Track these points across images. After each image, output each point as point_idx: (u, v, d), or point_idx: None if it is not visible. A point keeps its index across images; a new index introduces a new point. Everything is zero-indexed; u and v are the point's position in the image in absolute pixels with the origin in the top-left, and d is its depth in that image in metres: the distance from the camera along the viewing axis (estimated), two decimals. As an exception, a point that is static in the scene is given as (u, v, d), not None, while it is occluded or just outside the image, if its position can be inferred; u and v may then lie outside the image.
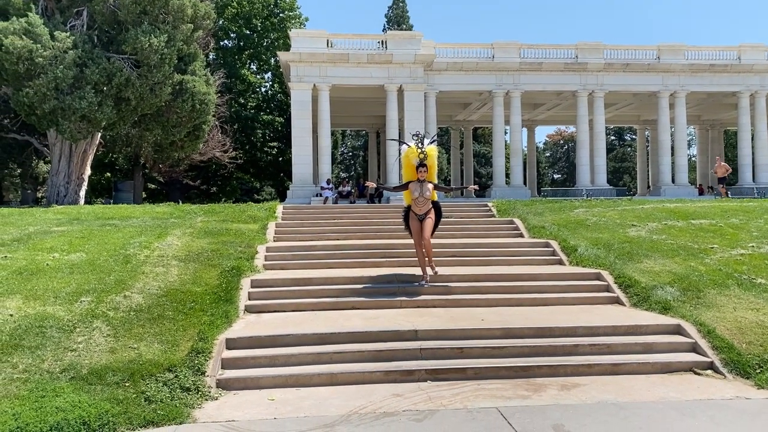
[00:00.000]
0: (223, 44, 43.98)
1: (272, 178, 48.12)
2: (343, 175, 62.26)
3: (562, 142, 78.76)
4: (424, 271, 10.90)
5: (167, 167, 37.16)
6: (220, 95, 32.40)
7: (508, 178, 35.15)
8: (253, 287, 10.44)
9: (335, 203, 26.67)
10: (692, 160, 56.57)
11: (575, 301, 10.47)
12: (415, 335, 8.33)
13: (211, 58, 39.97)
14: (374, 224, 17.25)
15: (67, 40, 20.42)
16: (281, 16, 45.24)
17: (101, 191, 41.87)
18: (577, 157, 34.77)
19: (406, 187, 11.06)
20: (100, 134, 24.89)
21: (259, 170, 46.48)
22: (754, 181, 34.22)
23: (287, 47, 35.41)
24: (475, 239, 15.13)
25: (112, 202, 33.83)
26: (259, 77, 46.88)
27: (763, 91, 33.51)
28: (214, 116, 28.44)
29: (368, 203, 27.52)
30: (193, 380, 6.98)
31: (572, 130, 60.68)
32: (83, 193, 24.48)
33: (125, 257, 11.11)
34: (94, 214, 16.84)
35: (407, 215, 11.14)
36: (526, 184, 38.62)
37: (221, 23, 41.63)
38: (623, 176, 71.60)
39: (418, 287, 10.61)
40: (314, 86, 29.52)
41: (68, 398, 6.25)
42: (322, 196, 27.74)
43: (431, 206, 10.90)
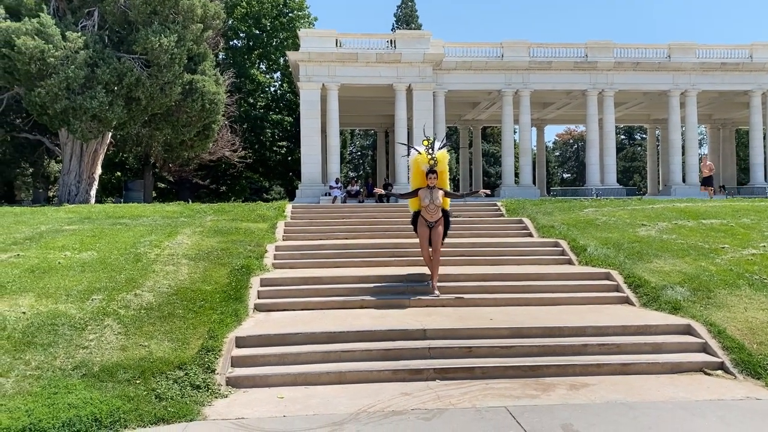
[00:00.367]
0: (232, 44, 44.13)
1: (281, 177, 48.24)
2: (351, 174, 62.30)
3: (571, 141, 78.41)
4: (433, 277, 10.49)
5: (177, 166, 37.36)
6: (229, 95, 32.54)
7: (517, 177, 35.05)
8: (262, 286, 10.50)
9: (344, 202, 26.70)
10: (703, 159, 56.08)
11: (584, 300, 10.44)
12: (423, 334, 8.34)
13: (220, 57, 40.12)
14: (383, 223, 17.28)
15: (78, 40, 20.58)
16: (290, 15, 45.34)
17: (112, 190, 42.16)
18: (586, 156, 34.59)
19: (415, 194, 10.64)
20: (110, 134, 25.07)
21: (268, 169, 46.61)
22: (766, 180, 33.93)
23: (296, 47, 35.48)
24: (483, 238, 15.11)
25: (122, 201, 34.08)
26: (268, 77, 47.01)
27: (775, 89, 33.23)
28: (223, 116, 28.57)
29: (377, 202, 27.52)
30: (203, 378, 7.03)
31: (582, 129, 60.42)
32: (94, 192, 24.67)
33: (136, 256, 11.20)
34: (104, 213, 16.97)
35: (416, 220, 10.79)
36: (535, 183, 38.50)
37: (231, 23, 41.77)
38: (633, 176, 71.19)
39: (426, 287, 10.61)
40: (323, 86, 29.55)
41: (80, 395, 6.32)
42: (330, 195, 27.77)
43: (441, 214, 10.57)
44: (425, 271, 11.12)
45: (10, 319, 7.88)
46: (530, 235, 15.78)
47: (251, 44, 45.06)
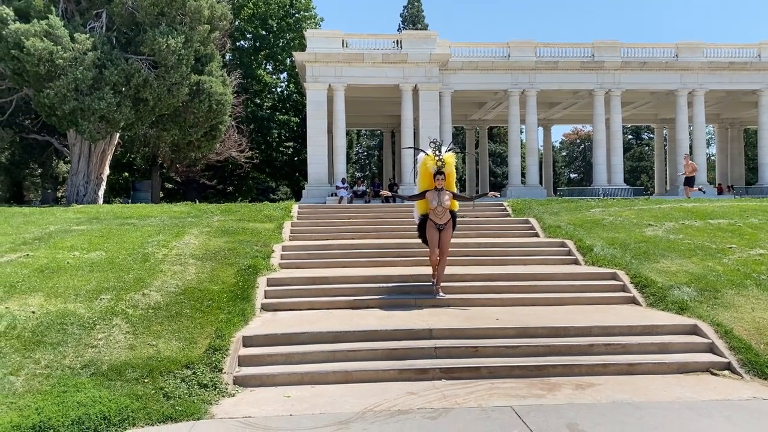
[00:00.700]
0: (239, 45, 44.28)
1: (288, 177, 48.36)
2: (358, 174, 62.39)
3: (578, 141, 78.15)
4: (438, 279, 10.50)
5: (184, 167, 37.53)
6: (236, 95, 32.64)
7: (523, 177, 35.02)
8: (269, 286, 10.55)
9: (350, 203, 26.77)
10: (711, 159, 55.88)
11: (590, 300, 10.43)
12: (429, 334, 8.36)
13: (227, 58, 40.25)
14: (389, 224, 17.31)
15: (86, 41, 20.72)
16: (297, 16, 45.44)
17: (119, 191, 42.39)
18: (593, 156, 34.50)
19: (423, 196, 10.49)
20: (118, 134, 25.20)
21: (274, 170, 46.74)
22: (774, 180, 33.76)
23: (303, 47, 35.56)
24: (490, 239, 15.11)
25: (130, 201, 34.24)
26: (274, 77, 47.14)
27: (784, 89, 33.03)
28: (230, 116, 28.66)
29: (383, 203, 27.55)
30: (210, 377, 7.09)
31: (589, 129, 60.20)
32: (102, 192, 24.81)
33: (144, 256, 11.27)
34: (112, 213, 17.07)
35: (423, 224, 10.60)
36: (541, 183, 38.41)
37: (237, 24, 41.92)
38: (641, 175, 70.88)
39: (432, 287, 10.62)
40: (329, 86, 29.62)
41: (89, 393, 6.39)
42: (337, 195, 27.84)
43: (449, 217, 10.41)
44: (431, 271, 11.13)
45: (20, 318, 7.96)
46: (536, 235, 15.76)
47: (258, 45, 45.20)
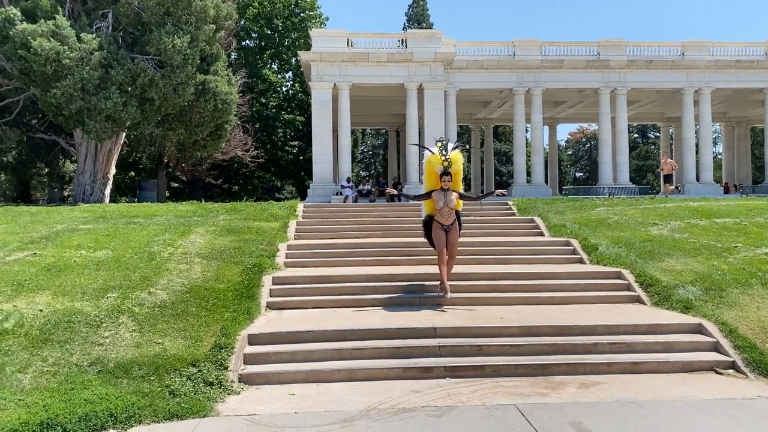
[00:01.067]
0: (244, 44, 44.37)
1: (293, 176, 48.44)
2: (363, 173, 62.40)
3: (584, 139, 77.92)
4: (444, 280, 10.17)
5: (190, 166, 37.64)
6: (241, 95, 32.71)
7: (529, 176, 34.90)
8: (274, 284, 10.59)
9: (355, 202, 26.79)
10: (717, 158, 55.62)
11: (595, 299, 10.43)
12: (433, 332, 8.38)
13: (232, 58, 40.37)
14: (394, 223, 17.33)
15: (92, 41, 20.83)
16: (302, 15, 45.51)
17: (125, 190, 42.59)
18: (599, 155, 34.43)
19: (429, 195, 10.35)
20: (124, 134, 25.34)
21: (280, 169, 46.83)
22: (781, 179, 33.63)
23: (308, 47, 35.61)
24: (495, 237, 15.11)
25: (136, 200, 34.42)
26: (280, 77, 47.22)
27: (790, 87, 32.87)
28: (235, 116, 28.75)
29: (388, 201, 27.58)
30: (216, 375, 7.13)
31: (594, 127, 60.03)
32: (108, 191, 24.95)
33: (150, 254, 11.34)
34: (119, 212, 17.17)
35: (429, 224, 10.48)
36: (547, 182, 38.32)
37: (243, 23, 42.01)
38: (647, 174, 70.60)
39: (436, 286, 10.61)
40: (334, 85, 29.66)
41: (96, 391, 6.45)
42: (342, 194, 27.88)
43: (455, 217, 10.31)
44: (436, 270, 11.09)
45: (27, 316, 8.03)
46: (541, 234, 15.76)
47: (263, 44, 45.30)
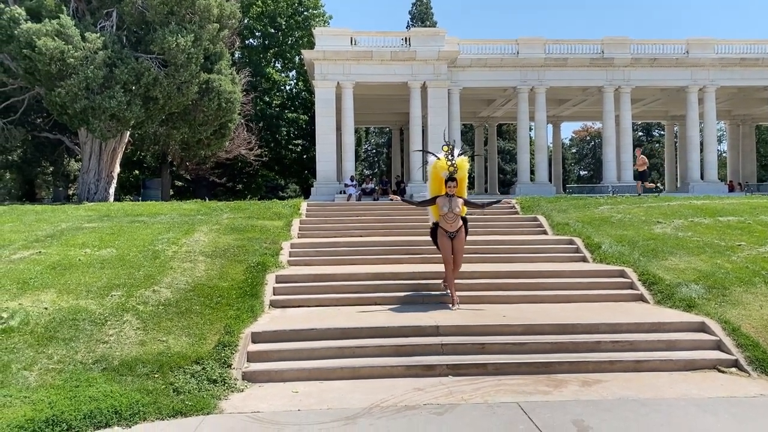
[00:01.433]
0: (248, 43, 44.41)
1: (297, 175, 48.49)
2: (366, 172, 62.44)
3: (588, 138, 77.72)
4: (452, 292, 10.00)
5: (194, 165, 37.73)
6: (245, 93, 32.78)
7: (532, 174, 34.90)
8: (277, 283, 10.64)
9: (359, 200, 26.80)
10: (722, 156, 55.45)
11: (598, 298, 10.43)
12: (436, 331, 8.41)
13: (236, 56, 40.41)
14: (397, 221, 17.36)
15: (97, 40, 20.90)
16: (305, 14, 45.50)
17: (130, 189, 42.70)
18: (603, 153, 34.31)
19: (433, 201, 10.19)
20: (128, 133, 25.42)
21: (283, 168, 46.87)
22: (786, 177, 33.48)
23: (311, 45, 35.61)
24: (498, 236, 15.11)
25: (140, 199, 34.52)
26: (283, 75, 47.25)
27: (795, 85, 32.70)
28: (239, 114, 28.80)
29: (391, 200, 27.58)
30: (219, 372, 7.18)
31: (598, 125, 59.89)
32: (113, 190, 25.04)
33: (154, 253, 11.39)
34: (123, 211, 17.24)
35: (435, 232, 10.32)
36: (551, 180, 38.24)
37: (246, 22, 42.04)
38: (651, 173, 70.39)
39: (439, 284, 10.65)
40: (338, 84, 29.66)
41: (101, 388, 6.50)
42: (345, 193, 27.88)
43: (461, 223, 10.10)
44: (439, 268, 11.11)
45: (32, 314, 8.09)
46: (545, 232, 15.76)
47: (267, 43, 45.32)
